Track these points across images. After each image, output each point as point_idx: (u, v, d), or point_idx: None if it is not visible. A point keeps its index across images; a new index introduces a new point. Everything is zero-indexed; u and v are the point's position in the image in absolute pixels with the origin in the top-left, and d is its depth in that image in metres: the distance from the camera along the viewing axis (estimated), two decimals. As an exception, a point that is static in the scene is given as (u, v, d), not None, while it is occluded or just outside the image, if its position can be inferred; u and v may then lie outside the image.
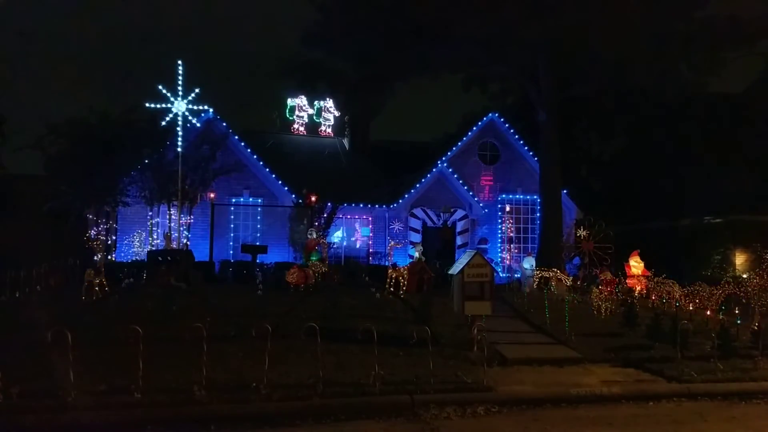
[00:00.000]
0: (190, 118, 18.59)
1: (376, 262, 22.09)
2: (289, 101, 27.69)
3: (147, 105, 18.48)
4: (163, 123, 18.40)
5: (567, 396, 8.50)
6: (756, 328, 11.06)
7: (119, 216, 20.28)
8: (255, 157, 21.55)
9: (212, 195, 20.21)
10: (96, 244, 14.53)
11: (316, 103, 27.64)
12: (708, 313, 13.29)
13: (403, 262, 20.59)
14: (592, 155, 31.26)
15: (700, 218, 22.48)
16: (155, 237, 19.49)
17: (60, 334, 7.52)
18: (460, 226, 23.12)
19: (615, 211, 23.09)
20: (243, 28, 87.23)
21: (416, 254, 19.19)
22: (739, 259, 20.92)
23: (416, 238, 22.55)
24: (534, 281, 18.10)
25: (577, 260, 21.27)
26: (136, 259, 18.98)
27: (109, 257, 19.05)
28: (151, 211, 19.49)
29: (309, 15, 21.72)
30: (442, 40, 20.20)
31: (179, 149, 18.54)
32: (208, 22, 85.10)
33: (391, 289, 16.66)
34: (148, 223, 19.55)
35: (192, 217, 20.00)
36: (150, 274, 16.09)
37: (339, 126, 28.29)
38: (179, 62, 18.39)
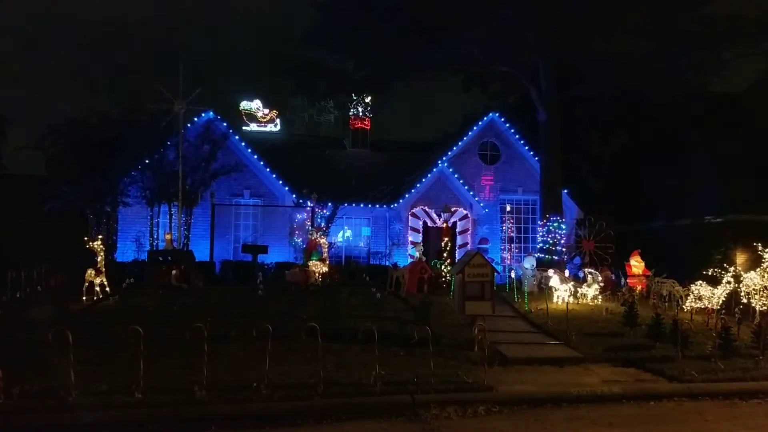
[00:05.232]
0: (190, 117, 18.63)
1: (377, 262, 22.10)
2: (290, 101, 27.79)
3: (148, 105, 18.50)
4: (164, 123, 18.41)
5: (568, 396, 8.50)
6: (757, 327, 11.05)
7: (120, 216, 20.27)
8: (255, 156, 21.55)
9: (213, 195, 20.21)
10: (96, 244, 14.52)
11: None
12: (709, 312, 13.29)
13: (404, 262, 20.61)
14: (593, 155, 31.22)
15: (701, 218, 22.45)
16: (156, 237, 19.49)
17: (61, 334, 7.52)
18: (460, 226, 23.12)
19: (615, 210, 23.05)
20: (243, 28, 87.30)
21: (417, 254, 19.20)
22: (740, 259, 20.90)
23: (417, 238, 22.55)
24: (535, 281, 18.09)
25: (577, 260, 21.27)
26: (137, 259, 18.98)
27: (110, 257, 19.05)
28: (151, 211, 19.49)
29: (309, 15, 21.80)
30: (442, 40, 20.20)
31: (179, 149, 18.54)
32: (207, 22, 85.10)
33: (392, 288, 16.66)
34: (149, 223, 19.54)
35: (192, 217, 20.00)
36: (150, 275, 16.09)
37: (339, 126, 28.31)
38: (180, 63, 18.42)
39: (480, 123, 24.42)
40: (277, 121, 26.70)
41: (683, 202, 23.24)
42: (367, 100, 26.48)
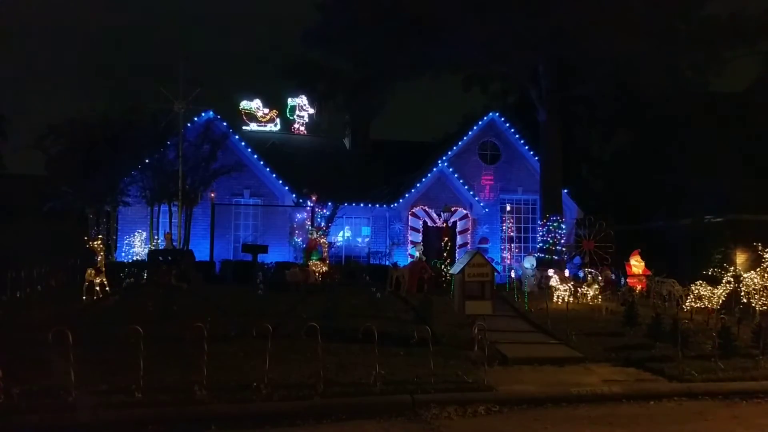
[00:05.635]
0: (190, 117, 18.64)
1: (377, 262, 22.11)
2: (290, 101, 27.74)
3: (148, 105, 18.54)
4: (164, 123, 18.44)
5: (568, 395, 8.49)
6: (757, 327, 11.05)
7: (120, 216, 20.30)
8: (255, 156, 21.56)
9: (213, 195, 20.22)
10: (96, 244, 14.53)
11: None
12: (709, 312, 13.28)
13: (404, 262, 20.61)
14: (593, 155, 31.26)
15: (701, 217, 22.46)
16: (156, 237, 19.49)
17: (61, 333, 7.51)
18: (460, 226, 23.12)
19: (615, 210, 23.07)
20: (243, 28, 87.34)
21: (417, 254, 19.20)
22: (740, 259, 20.92)
23: (417, 237, 22.55)
24: (535, 281, 18.10)
25: (577, 260, 21.27)
26: (137, 258, 18.98)
27: (110, 257, 19.06)
28: (151, 210, 19.50)
29: (309, 15, 21.80)
30: (442, 40, 20.19)
31: (179, 149, 18.55)
32: (208, 22, 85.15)
33: (392, 288, 16.66)
34: (149, 223, 19.55)
35: (192, 216, 20.00)
36: (151, 274, 16.10)
37: (339, 126, 28.25)
38: (179, 62, 18.46)
39: (480, 123, 24.43)
40: (277, 120, 26.69)
41: (683, 202, 23.25)
42: (367, 100, 26.43)
